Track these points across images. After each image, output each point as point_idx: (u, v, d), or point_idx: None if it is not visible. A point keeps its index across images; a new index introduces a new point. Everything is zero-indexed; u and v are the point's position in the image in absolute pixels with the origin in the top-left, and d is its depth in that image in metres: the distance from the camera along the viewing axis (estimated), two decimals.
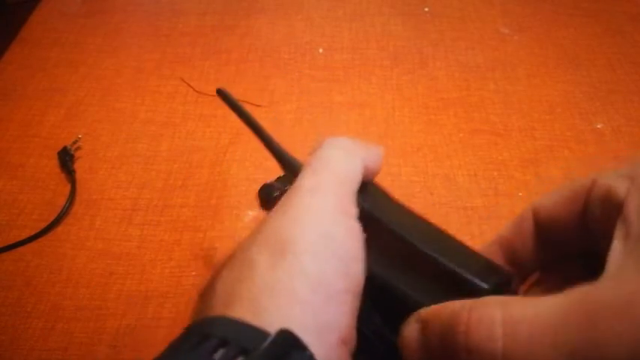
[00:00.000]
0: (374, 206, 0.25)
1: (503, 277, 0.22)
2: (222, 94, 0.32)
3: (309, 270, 0.20)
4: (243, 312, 0.18)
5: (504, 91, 0.67)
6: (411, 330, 0.19)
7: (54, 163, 0.60)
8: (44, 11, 0.81)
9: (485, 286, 0.21)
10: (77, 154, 0.61)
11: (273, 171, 0.34)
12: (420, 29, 0.76)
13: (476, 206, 0.55)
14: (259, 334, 0.18)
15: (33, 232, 0.53)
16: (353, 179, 0.23)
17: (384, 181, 0.28)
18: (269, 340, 0.17)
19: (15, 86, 0.69)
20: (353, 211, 0.23)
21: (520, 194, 0.56)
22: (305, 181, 0.23)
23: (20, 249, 0.53)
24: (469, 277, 0.21)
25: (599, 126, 0.63)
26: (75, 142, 0.61)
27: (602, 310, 0.14)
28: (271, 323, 0.18)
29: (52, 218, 0.54)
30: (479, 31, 0.76)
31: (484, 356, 0.16)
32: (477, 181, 0.57)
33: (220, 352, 0.17)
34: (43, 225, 0.54)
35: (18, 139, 0.63)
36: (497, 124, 0.63)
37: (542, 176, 0.57)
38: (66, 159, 0.59)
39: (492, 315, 0.16)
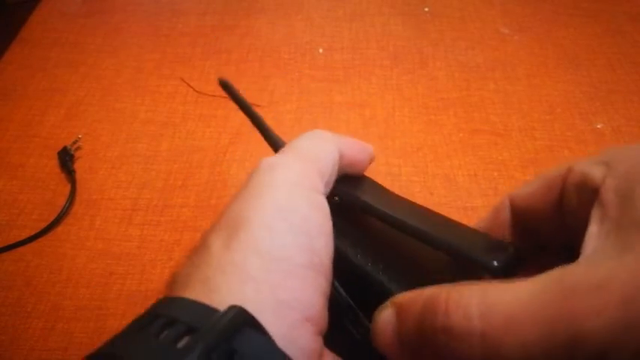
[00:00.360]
0: (368, 195, 0.24)
1: (511, 253, 0.21)
2: (224, 84, 0.32)
3: (264, 245, 0.19)
4: (196, 294, 0.18)
5: (504, 91, 0.67)
6: (385, 315, 0.19)
7: (54, 163, 0.60)
8: (44, 11, 0.81)
9: (495, 264, 0.20)
10: (77, 154, 0.61)
11: None
12: (420, 29, 0.76)
13: (476, 206, 0.55)
14: (209, 311, 0.17)
15: (33, 232, 0.53)
16: (321, 159, 0.23)
17: (384, 181, 0.28)
18: (217, 316, 0.16)
19: (15, 86, 0.69)
20: (319, 186, 0.22)
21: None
22: (267, 160, 0.22)
23: (20, 249, 0.53)
24: (478, 256, 0.21)
25: (599, 126, 0.63)
26: (75, 142, 0.61)
27: (579, 287, 0.14)
28: (224, 302, 0.17)
29: (52, 218, 0.54)
30: (479, 31, 0.76)
31: (463, 337, 0.15)
32: (477, 181, 0.57)
33: (166, 332, 0.16)
34: (43, 225, 0.54)
35: (18, 139, 0.63)
36: (498, 124, 0.63)
37: None
38: (66, 159, 0.59)
39: (469, 296, 0.16)
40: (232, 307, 0.17)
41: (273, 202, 0.20)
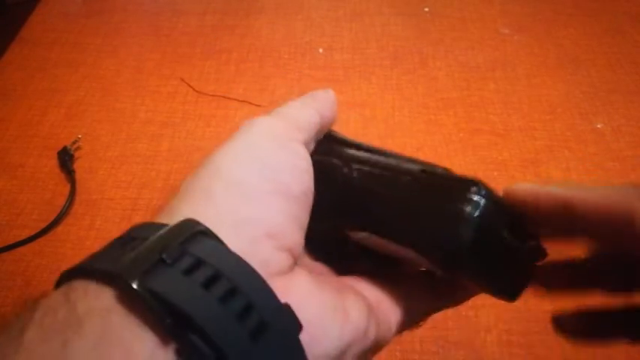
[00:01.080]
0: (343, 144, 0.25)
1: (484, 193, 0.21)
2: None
3: (227, 173, 0.20)
4: (161, 219, 0.19)
5: (504, 91, 0.67)
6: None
7: (54, 163, 0.60)
8: (44, 11, 0.81)
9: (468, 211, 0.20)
10: (77, 154, 0.61)
11: None
12: (420, 29, 0.76)
13: None
14: (166, 228, 0.18)
15: (33, 232, 0.53)
16: (300, 118, 0.23)
17: None
18: (168, 227, 0.17)
19: (15, 86, 0.69)
20: (297, 137, 0.23)
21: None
22: (248, 120, 0.23)
23: (20, 249, 0.53)
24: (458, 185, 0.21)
25: (599, 126, 0.63)
26: (75, 142, 0.61)
27: None
28: (175, 216, 0.18)
29: (51, 218, 0.54)
30: (479, 31, 0.76)
31: None
32: None
33: (127, 247, 0.17)
34: (42, 225, 0.54)
35: (18, 139, 0.63)
36: (497, 124, 0.63)
37: (543, 176, 0.58)
38: (66, 159, 0.59)
39: None
40: (185, 220, 0.18)
41: (243, 143, 0.21)
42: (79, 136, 0.62)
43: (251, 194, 0.20)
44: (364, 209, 0.23)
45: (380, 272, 0.24)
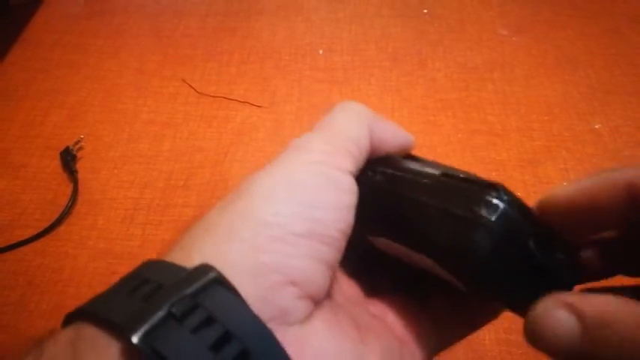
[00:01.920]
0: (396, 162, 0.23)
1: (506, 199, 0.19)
2: None
3: (257, 211, 0.18)
4: (176, 255, 0.18)
5: (503, 92, 0.68)
6: (561, 318, 0.17)
7: (56, 164, 0.61)
8: (46, 13, 0.82)
9: (488, 218, 0.18)
10: (79, 154, 0.61)
11: None
12: (419, 31, 0.77)
13: None
14: (179, 270, 0.17)
15: (35, 232, 0.54)
16: (352, 137, 0.21)
17: None
18: (183, 273, 0.16)
19: (17, 87, 0.70)
20: (345, 165, 0.21)
21: (518, 194, 0.56)
22: (295, 140, 0.21)
23: (23, 248, 0.53)
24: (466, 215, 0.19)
25: (596, 126, 0.63)
26: (77, 143, 0.62)
27: None
28: (202, 261, 0.17)
29: (54, 218, 0.55)
30: (477, 32, 0.76)
31: None
32: None
33: (138, 291, 0.16)
34: (45, 225, 0.54)
35: (20, 139, 0.64)
36: (496, 124, 0.64)
37: (541, 176, 0.58)
38: (68, 159, 0.60)
39: None
40: (201, 266, 0.17)
41: (282, 175, 0.19)
42: (82, 136, 0.62)
43: (281, 237, 0.18)
44: (382, 212, 0.22)
45: (407, 289, 0.23)
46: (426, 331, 0.22)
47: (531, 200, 0.22)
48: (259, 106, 0.66)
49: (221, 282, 0.16)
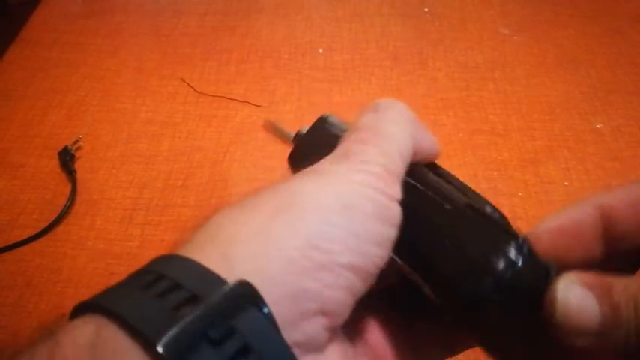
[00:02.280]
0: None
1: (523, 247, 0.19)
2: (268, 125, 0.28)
3: (309, 232, 0.17)
4: (214, 256, 0.17)
5: (504, 92, 0.67)
6: (580, 295, 0.17)
7: (55, 163, 0.60)
8: (45, 12, 0.81)
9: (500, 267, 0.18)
10: (78, 154, 0.61)
11: (274, 171, 0.34)
12: (420, 30, 0.76)
13: None
14: (216, 281, 0.16)
15: (34, 232, 0.53)
16: (404, 155, 0.20)
17: None
18: (223, 289, 0.15)
19: (16, 86, 0.70)
20: (396, 192, 0.19)
21: (520, 194, 0.56)
22: (355, 139, 0.20)
23: (21, 249, 0.53)
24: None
25: (598, 126, 0.63)
26: (76, 142, 0.61)
27: None
28: (242, 273, 0.16)
29: (52, 218, 0.54)
30: (478, 31, 0.76)
31: None
32: (477, 182, 0.57)
33: (170, 296, 0.15)
34: (43, 225, 0.54)
35: (19, 139, 0.63)
36: (497, 124, 0.63)
37: (542, 176, 0.58)
38: (67, 159, 0.59)
39: None
40: (242, 283, 0.16)
41: (337, 195, 0.18)
42: (80, 136, 0.62)
43: (328, 265, 0.17)
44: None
45: (390, 307, 0.23)
46: (406, 354, 0.22)
47: (532, 200, 0.22)
48: (259, 106, 0.66)
49: (259, 304, 0.16)
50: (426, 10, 0.80)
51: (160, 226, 0.54)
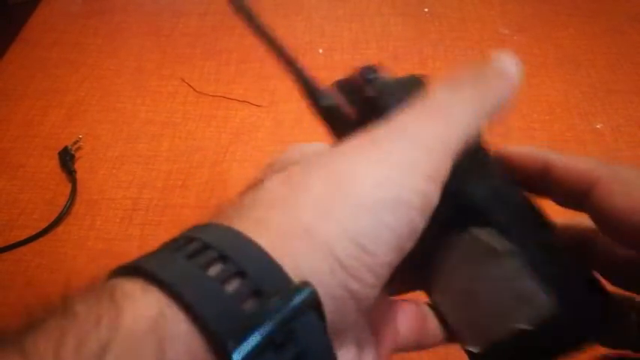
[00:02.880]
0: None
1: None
2: (236, 3, 0.26)
3: (360, 231, 0.17)
4: (278, 245, 0.16)
5: None
6: None
7: (54, 163, 0.60)
8: (45, 12, 0.81)
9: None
10: (78, 154, 0.61)
11: None
12: (420, 30, 0.76)
13: None
14: (282, 279, 0.15)
15: (34, 232, 0.53)
16: (461, 136, 0.20)
17: None
18: (289, 289, 0.15)
19: (15, 86, 0.70)
20: (442, 176, 0.18)
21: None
22: (400, 118, 0.19)
23: (21, 249, 0.53)
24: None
25: (598, 126, 0.63)
26: (75, 142, 0.61)
27: None
28: (295, 268, 0.15)
29: (52, 218, 0.54)
30: (478, 31, 0.76)
31: None
32: None
33: (233, 282, 0.15)
34: (43, 225, 0.54)
35: (19, 139, 0.63)
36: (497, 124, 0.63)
37: None
38: (66, 159, 0.59)
39: None
40: (306, 287, 0.15)
41: (392, 185, 0.17)
42: (80, 136, 0.62)
43: (368, 265, 0.17)
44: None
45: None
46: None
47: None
48: (259, 106, 0.66)
49: (318, 311, 0.15)
50: (426, 10, 0.80)
51: (160, 226, 0.54)
